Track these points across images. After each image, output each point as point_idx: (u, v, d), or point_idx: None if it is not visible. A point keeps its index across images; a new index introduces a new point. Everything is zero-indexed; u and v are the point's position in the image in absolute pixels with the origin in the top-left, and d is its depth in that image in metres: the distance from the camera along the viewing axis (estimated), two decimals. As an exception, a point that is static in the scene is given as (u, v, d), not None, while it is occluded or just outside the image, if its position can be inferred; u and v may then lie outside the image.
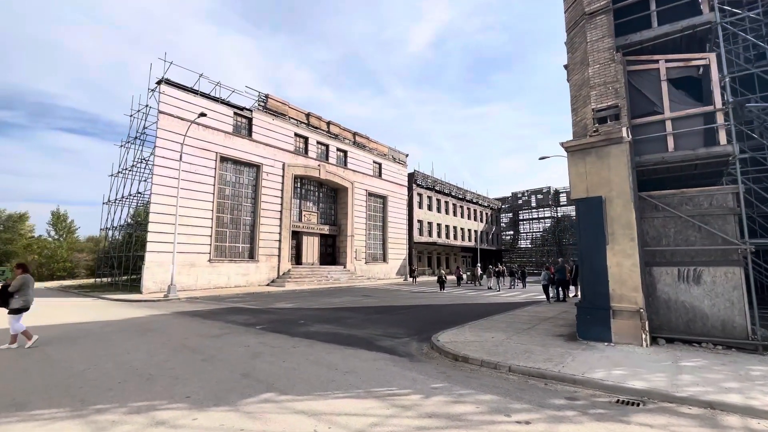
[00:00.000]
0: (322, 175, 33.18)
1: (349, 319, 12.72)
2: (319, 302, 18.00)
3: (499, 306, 16.61)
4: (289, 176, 30.23)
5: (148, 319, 12.60)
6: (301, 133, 32.07)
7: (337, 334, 10.06)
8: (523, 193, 68.86)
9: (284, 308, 15.73)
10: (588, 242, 8.55)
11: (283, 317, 13.10)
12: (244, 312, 14.47)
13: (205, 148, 24.98)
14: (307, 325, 11.40)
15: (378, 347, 8.46)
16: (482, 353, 7.38)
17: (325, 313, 14.37)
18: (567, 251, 63.54)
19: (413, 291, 25.08)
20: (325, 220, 35.54)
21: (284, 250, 29.23)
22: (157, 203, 22.22)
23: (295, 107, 32.02)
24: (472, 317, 13.10)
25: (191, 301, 18.21)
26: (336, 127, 35.79)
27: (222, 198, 26.20)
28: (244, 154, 27.31)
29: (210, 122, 25.43)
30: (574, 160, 8.90)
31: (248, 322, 12.04)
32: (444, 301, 18.57)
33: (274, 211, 29.03)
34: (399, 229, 41.82)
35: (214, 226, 25.04)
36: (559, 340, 8.57)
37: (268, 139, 29.07)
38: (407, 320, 12.65)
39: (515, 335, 9.14)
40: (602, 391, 5.58)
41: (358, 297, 20.78)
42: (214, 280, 24.61)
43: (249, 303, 17.59)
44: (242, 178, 27.62)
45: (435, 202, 49.80)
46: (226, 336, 9.61)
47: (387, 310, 15.40)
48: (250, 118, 28.26)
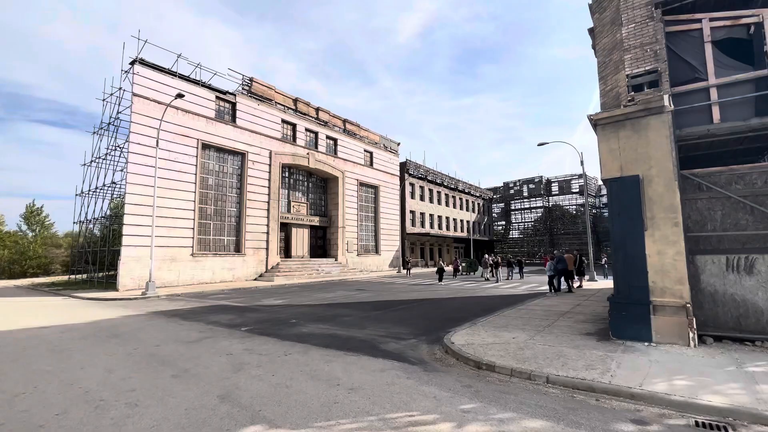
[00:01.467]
0: (311, 164, 31.67)
1: (345, 317, 11.52)
2: (311, 298, 16.76)
3: (504, 299, 15.61)
4: (276, 165, 28.66)
5: (119, 321, 11.19)
6: (288, 120, 30.44)
7: (334, 335, 8.85)
8: (515, 183, 68.27)
9: (273, 305, 14.45)
10: (622, 228, 7.47)
11: (272, 316, 11.83)
12: (229, 310, 13.15)
13: (186, 135, 23.26)
14: (300, 326, 10.16)
15: (383, 352, 7.29)
16: (509, 359, 6.26)
17: (319, 310, 13.14)
18: (559, 241, 63.35)
19: (409, 284, 24.00)
20: (315, 211, 34.12)
21: (272, 243, 27.80)
22: (133, 193, 20.54)
23: (281, 92, 30.32)
24: (479, 312, 12.04)
25: (171, 299, 16.78)
26: (325, 113, 34.20)
27: (205, 188, 24.58)
28: (228, 141, 25.65)
29: (190, 107, 23.68)
30: (605, 134, 7.77)
31: (233, 322, 10.74)
32: (444, 294, 17.51)
33: (261, 202, 27.52)
34: (391, 220, 40.64)
35: (196, 218, 23.46)
36: (589, 339, 7.51)
37: (253, 126, 27.40)
38: (410, 317, 11.51)
39: (538, 334, 8.06)
40: (672, 409, 4.50)
41: (352, 291, 19.59)
42: (197, 276, 23.11)
43: (235, 300, 16.25)
44: (226, 167, 25.98)
45: (427, 192, 48.70)
46: (207, 341, 8.31)
47: (386, 305, 14.24)
48: (234, 103, 26.53)
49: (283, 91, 30.55)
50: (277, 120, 29.31)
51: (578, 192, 62.48)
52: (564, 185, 63.58)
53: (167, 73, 22.95)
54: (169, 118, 22.41)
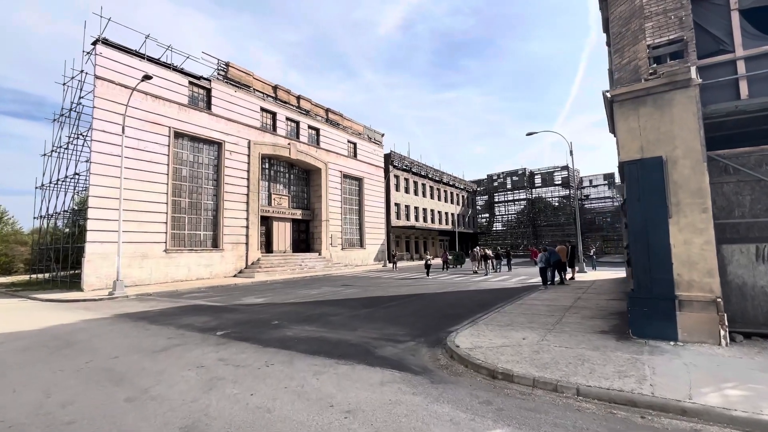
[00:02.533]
0: (293, 155, 30.31)
1: (333, 317, 10.56)
2: (294, 295, 15.71)
3: (497, 293, 14.96)
4: (255, 155, 27.21)
5: (77, 326, 9.91)
6: (268, 108, 28.94)
7: (322, 339, 7.90)
8: (498, 175, 68.26)
9: (254, 304, 13.35)
10: (643, 216, 6.75)
11: (252, 317, 10.76)
12: (204, 311, 11.99)
13: (156, 122, 21.61)
14: (283, 327, 9.15)
15: (380, 359, 6.39)
16: (527, 365, 5.46)
17: (303, 308, 12.13)
18: (542, 233, 63.82)
19: (396, 278, 23.18)
20: (298, 204, 32.83)
21: (252, 237, 26.46)
22: (98, 185, 18.90)
23: (260, 78, 28.76)
24: (476, 308, 11.29)
25: (141, 299, 15.43)
26: (307, 102, 32.80)
27: (178, 179, 23.00)
28: (203, 130, 24.07)
29: (160, 92, 22.01)
30: (623, 112, 7.01)
31: (207, 325, 9.63)
32: (435, 289, 16.74)
33: (240, 194, 26.08)
34: (376, 212, 39.68)
35: (169, 212, 21.92)
36: (608, 339, 6.80)
37: (230, 113, 25.85)
38: (403, 315, 10.65)
39: (549, 334, 7.31)
40: (737, 428, 3.76)
41: (338, 287, 18.62)
42: (171, 273, 21.65)
43: (211, 299, 15.04)
44: (202, 157, 24.42)
45: (412, 185, 47.91)
46: (175, 350, 7.22)
47: (375, 302, 13.35)
48: (209, 89, 24.91)
49: (262, 78, 29.00)
50: (255, 108, 27.80)
51: (561, 184, 62.96)
52: (547, 177, 63.92)
53: (134, 55, 21.19)
54: (136, 103, 20.74)
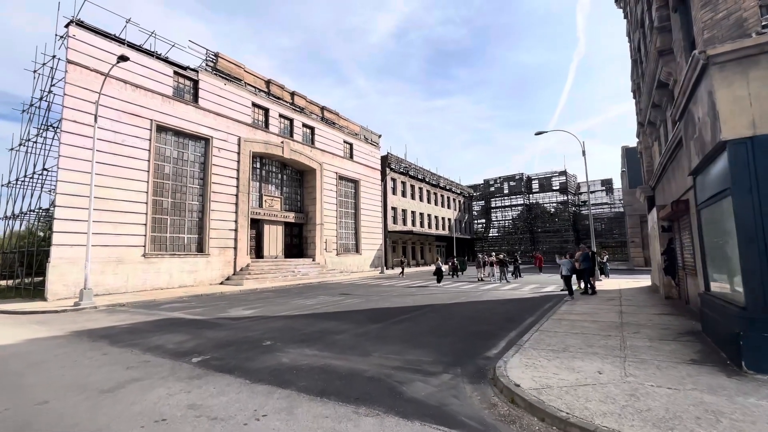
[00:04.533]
0: (286, 154, 28.46)
1: (337, 335, 8.75)
2: (288, 306, 13.84)
3: (518, 304, 13.29)
4: (246, 153, 25.33)
5: (16, 350, 7.93)
6: (260, 104, 27.12)
7: (328, 369, 6.10)
8: (495, 180, 67.09)
9: (241, 318, 11.46)
10: (756, 210, 5.13)
11: (238, 335, 8.89)
12: (182, 327, 10.07)
13: (136, 114, 19.65)
14: (277, 351, 7.32)
15: (414, 405, 4.62)
16: (639, 422, 3.73)
17: (300, 324, 10.29)
18: (539, 239, 62.65)
19: (398, 286, 21.39)
20: (291, 206, 30.92)
21: (242, 242, 24.48)
22: (67, 181, 16.86)
23: (252, 71, 26.97)
24: (504, 323, 9.60)
25: (111, 311, 13.40)
26: (301, 99, 31.06)
27: (160, 177, 21.01)
28: (189, 124, 22.15)
29: (142, 81, 20.09)
30: (724, 77, 5.42)
31: (182, 348, 7.75)
32: (445, 299, 15.01)
33: (229, 195, 24.14)
34: (373, 216, 37.92)
35: (149, 212, 19.89)
36: (712, 374, 5.12)
37: (219, 108, 23.98)
38: (421, 333, 8.89)
39: (627, 364, 5.61)
40: None
41: (336, 296, 16.78)
42: (150, 280, 19.56)
43: (193, 310, 13.09)
44: (187, 154, 22.46)
45: (409, 189, 46.33)
46: (131, 387, 5.36)
47: (382, 315, 11.55)
48: (196, 81, 23.04)
49: (254, 71, 27.22)
50: (246, 103, 25.97)
51: (559, 190, 61.98)
52: (545, 183, 62.91)
53: (113, 40, 19.27)
54: (114, 93, 18.81)
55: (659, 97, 11.74)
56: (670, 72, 9.97)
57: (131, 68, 19.54)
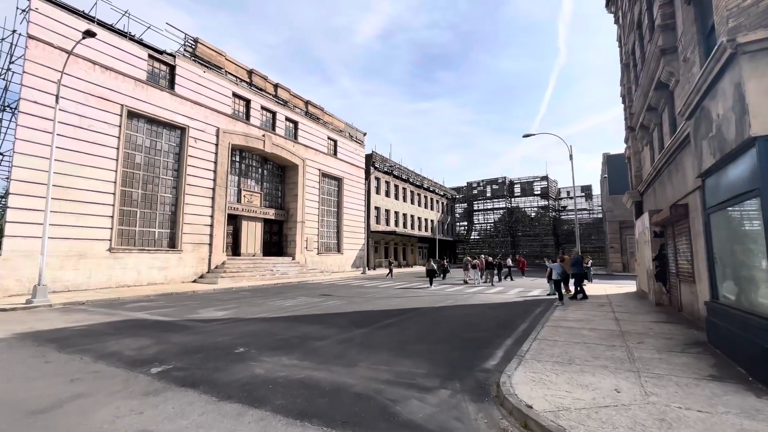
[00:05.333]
0: (267, 148, 27.34)
1: (318, 341, 7.97)
2: (265, 307, 12.92)
3: (508, 308, 12.80)
4: (224, 145, 24.12)
5: (-57, 355, 6.82)
6: (241, 94, 25.94)
7: (309, 383, 5.33)
8: (478, 183, 67.34)
9: (213, 320, 10.51)
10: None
11: (207, 340, 7.99)
12: (145, 329, 9.06)
13: (105, 98, 18.28)
14: (250, 360, 6.50)
15: (408, 428, 3.92)
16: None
17: (278, 327, 9.45)
18: (520, 242, 63.17)
19: (381, 287, 20.68)
20: (271, 202, 29.78)
21: (217, 238, 23.26)
22: (23, 167, 15.43)
23: (233, 60, 25.78)
24: (498, 330, 9.04)
25: (67, 310, 12.18)
26: (285, 91, 29.99)
27: (131, 167, 19.64)
28: (164, 112, 20.84)
29: (113, 63, 18.71)
30: (755, 67, 4.96)
31: (142, 355, 6.82)
32: (431, 302, 14.39)
33: (205, 189, 22.90)
34: (356, 216, 37.10)
35: (117, 204, 18.52)
36: (740, 393, 4.63)
37: (197, 96, 22.72)
38: (410, 340, 8.20)
39: (643, 380, 5.08)
40: None
41: (317, 297, 15.94)
42: (116, 277, 18.21)
43: (160, 311, 12.02)
44: (160, 143, 21.12)
45: (393, 189, 45.73)
46: (70, 407, 4.46)
47: (367, 319, 10.82)
48: (173, 66, 21.73)
49: (236, 60, 26.03)
50: (227, 92, 24.76)
51: (540, 194, 62.68)
52: (526, 187, 63.52)
53: (81, 17, 17.86)
54: (82, 73, 17.41)
55: (656, 99, 11.47)
56: (672, 71, 9.65)
57: (101, 48, 18.18)
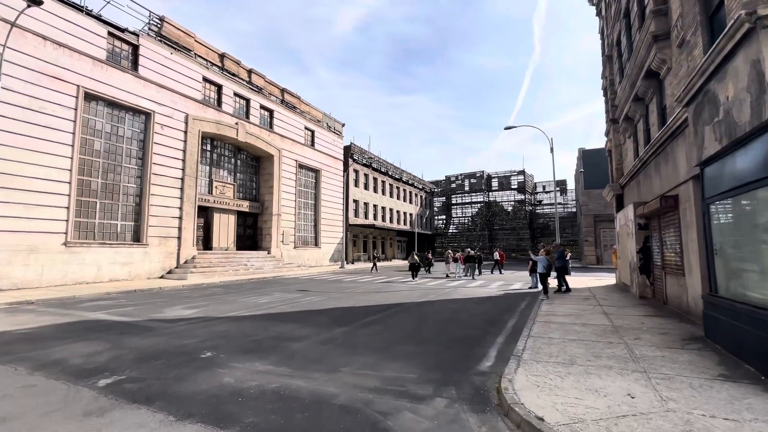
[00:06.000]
0: (241, 137, 26.04)
1: (296, 343, 7.27)
2: (237, 304, 12.05)
3: (492, 303, 12.44)
4: (194, 133, 22.73)
5: None
6: (212, 79, 24.50)
7: (285, 394, 4.64)
8: (456, 177, 67.53)
9: (179, 319, 9.60)
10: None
11: (171, 344, 7.14)
12: (100, 332, 8.08)
13: (59, 77, 16.68)
14: (218, 366, 5.74)
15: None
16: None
17: (251, 327, 8.66)
18: (497, 236, 63.87)
19: (361, 281, 20.05)
20: (245, 194, 28.51)
21: (187, 231, 21.96)
22: (-38, 151, 13.83)
23: (204, 42, 24.28)
24: (486, 326, 8.60)
25: (12, 310, 10.92)
26: (259, 78, 28.65)
27: (89, 154, 18.10)
28: (126, 95, 19.30)
29: (67, 39, 17.08)
30: (776, 42, 4.57)
31: (90, 364, 5.93)
32: (413, 297, 13.89)
33: (173, 179, 21.51)
34: (334, 208, 36.22)
35: (74, 194, 17.03)
36: (762, 396, 4.28)
37: (163, 79, 21.21)
38: (396, 339, 7.62)
39: (654, 382, 4.67)
40: None
41: (294, 293, 15.16)
42: (73, 273, 16.78)
43: (120, 310, 10.96)
44: (123, 129, 19.59)
45: (372, 181, 45.01)
46: (-11, 434, 3.62)
47: (348, 316, 10.18)
48: (136, 46, 20.15)
49: (207, 43, 24.53)
50: (196, 77, 23.30)
51: (516, 189, 63.46)
52: (504, 181, 64.19)
53: (29, -14, 16.11)
54: (30, 49, 15.78)
55: (644, 89, 11.25)
56: (664, 59, 9.38)
57: (53, 23, 16.54)
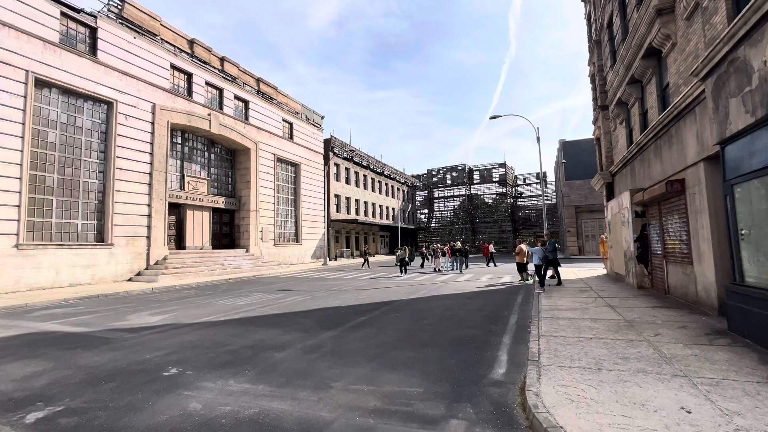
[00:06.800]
0: (214, 129, 24.55)
1: (278, 352, 6.33)
2: (212, 308, 10.95)
3: (487, 297, 11.79)
4: (162, 124, 21.16)
5: None
6: (181, 66, 22.90)
7: (266, 422, 3.72)
8: (438, 170, 67.16)
9: (143, 328, 8.47)
10: None
11: (130, 359, 6.07)
12: (46, 347, 6.91)
13: (4, 61, 14.96)
14: (184, 387, 4.75)
15: None
16: None
17: (226, 334, 7.65)
18: (479, 229, 63.95)
19: (345, 278, 19.12)
20: (220, 190, 27.02)
21: (157, 230, 20.47)
22: None
23: (171, 27, 22.62)
24: (487, 324, 7.87)
25: (-54, 324, 9.51)
26: (233, 66, 27.10)
27: (43, 147, 16.44)
28: (84, 82, 17.64)
29: (13, 19, 15.35)
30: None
31: (22, 390, 4.83)
32: (402, 294, 13.10)
33: (140, 174, 19.95)
34: (315, 204, 35.03)
35: (25, 191, 15.41)
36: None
37: (126, 66, 19.56)
38: (391, 344, 6.78)
39: (705, 389, 3.99)
40: None
41: (274, 293, 14.12)
42: (28, 278, 15.20)
43: (76, 319, 9.70)
44: (81, 119, 17.93)
45: (353, 175, 43.94)
46: None
47: (336, 318, 9.27)
48: (94, 29, 18.44)
49: (174, 27, 22.87)
50: (163, 64, 21.67)
51: (498, 181, 63.61)
52: (485, 174, 64.21)
53: (-35, -43, 14.34)
54: (-32, 28, 14.03)
55: (643, 69, 10.72)
56: (669, 34, 8.80)
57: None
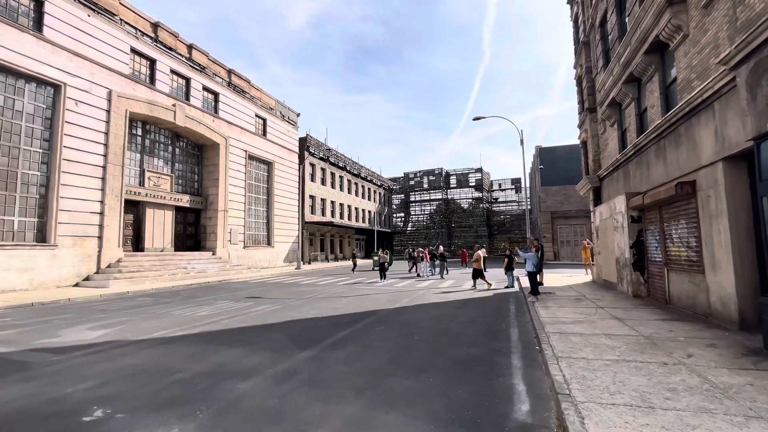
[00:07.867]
0: (180, 121, 22.64)
1: (241, 383, 5.05)
2: (167, 320, 9.43)
3: (478, 307, 10.85)
4: (120, 113, 19.16)
5: None
6: (143, 51, 20.94)
7: None
8: (415, 174, 66.61)
9: (75, 347, 6.93)
10: None
11: (42, 396, 4.62)
12: (-69, 379, 5.32)
13: (-77, 29, 12.83)
14: (105, 445, 3.43)
15: None
16: None
17: (179, 356, 6.26)
18: (455, 234, 63.79)
19: (320, 284, 17.78)
20: (185, 187, 25.03)
21: (111, 229, 18.42)
22: None
23: (131, 7, 20.62)
24: (487, 341, 6.90)
25: None
26: (202, 55, 25.26)
27: (-28, 132, 14.28)
28: (25, 60, 15.56)
29: (-63, -18, 13.22)
30: None
31: None
32: (386, 302, 11.96)
33: (92, 166, 17.90)
34: (289, 205, 33.39)
35: (-53, 182, 13.24)
36: None
37: (79, 46, 17.54)
38: (382, 368, 5.64)
39: (800, 442, 3.10)
40: None
41: (242, 301, 12.65)
42: (-53, 283, 13.02)
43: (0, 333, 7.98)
44: (21, 103, 15.80)
45: (329, 176, 42.50)
46: None
47: (312, 333, 8.01)
48: (40, 2, 16.39)
49: (135, 8, 20.89)
50: (123, 47, 19.70)
51: (474, 186, 63.76)
52: (462, 179, 64.22)
53: None
54: None
55: (644, 66, 10.15)
56: (680, 24, 8.19)
57: None
